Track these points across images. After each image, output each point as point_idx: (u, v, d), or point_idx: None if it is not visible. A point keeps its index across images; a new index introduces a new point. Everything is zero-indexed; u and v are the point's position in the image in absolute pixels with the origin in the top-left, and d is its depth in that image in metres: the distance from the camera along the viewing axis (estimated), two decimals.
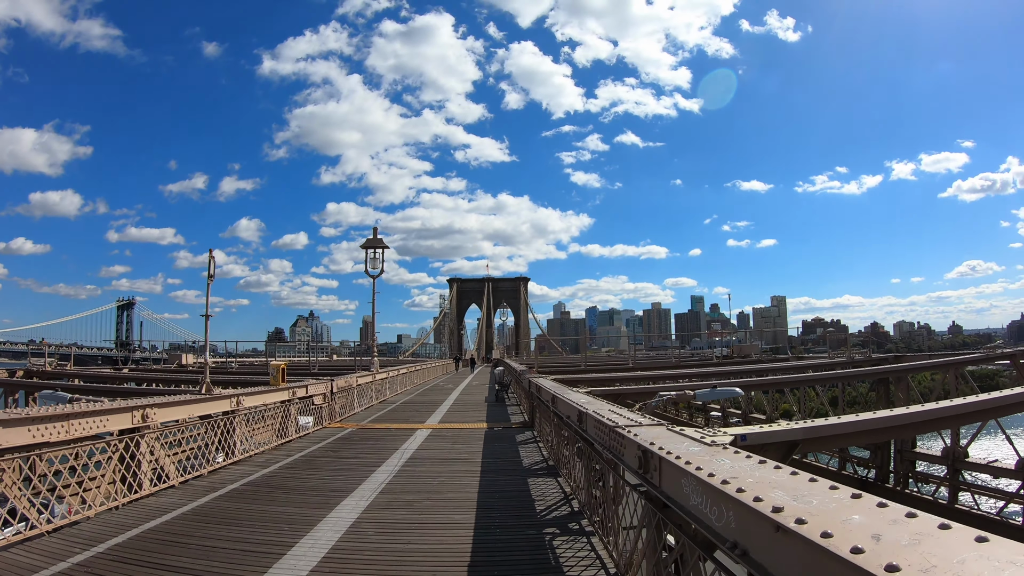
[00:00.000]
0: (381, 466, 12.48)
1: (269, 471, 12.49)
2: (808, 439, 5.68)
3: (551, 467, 12.04)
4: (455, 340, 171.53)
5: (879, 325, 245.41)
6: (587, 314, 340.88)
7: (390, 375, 30.66)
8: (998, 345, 29.78)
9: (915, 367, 23.89)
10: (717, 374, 26.49)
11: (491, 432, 17.75)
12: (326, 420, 19.61)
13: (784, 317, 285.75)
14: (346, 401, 22.36)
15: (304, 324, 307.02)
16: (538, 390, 14.97)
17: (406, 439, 16.32)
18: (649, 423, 5.79)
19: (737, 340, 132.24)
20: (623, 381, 23.66)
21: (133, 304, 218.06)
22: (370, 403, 26.02)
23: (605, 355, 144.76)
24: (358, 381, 23.98)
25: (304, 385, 18.09)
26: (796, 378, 20.15)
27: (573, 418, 8.61)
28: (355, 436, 17.39)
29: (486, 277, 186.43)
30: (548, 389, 12.43)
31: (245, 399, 14.25)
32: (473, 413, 23.27)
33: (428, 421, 20.66)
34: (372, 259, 29.51)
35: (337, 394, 20.74)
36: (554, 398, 11.05)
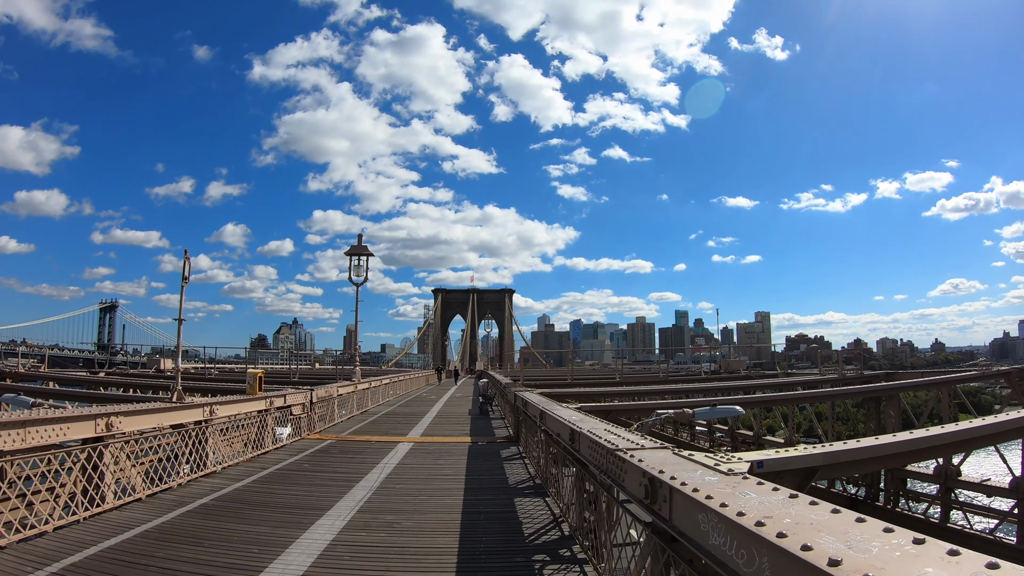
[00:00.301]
0: (360, 482, 11.91)
1: (242, 485, 11.89)
2: (828, 465, 5.22)
3: (538, 486, 11.52)
4: (439, 351, 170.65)
5: (862, 342, 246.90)
6: (571, 327, 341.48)
7: (372, 385, 30.03)
8: (990, 363, 29.61)
9: (907, 385, 23.62)
10: (707, 390, 26.11)
11: (475, 447, 17.20)
12: (305, 431, 18.98)
13: (768, 333, 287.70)
14: (326, 411, 21.73)
15: (288, 331, 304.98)
16: (524, 404, 14.48)
17: (387, 453, 15.74)
18: (652, 446, 5.31)
19: (722, 355, 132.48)
20: (613, 396, 23.29)
21: (116, 307, 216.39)
22: (351, 413, 25.37)
23: (589, 368, 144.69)
24: (339, 391, 23.35)
25: (282, 394, 17.46)
26: (791, 395, 19.76)
27: (564, 436, 8.12)
28: (334, 448, 16.78)
29: (471, 288, 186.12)
30: (535, 404, 11.94)
31: (219, 408, 13.62)
32: (457, 426, 22.69)
33: (410, 434, 20.07)
34: (356, 267, 28.89)
35: (317, 404, 20.10)
36: (542, 414, 10.56)
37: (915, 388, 23.49)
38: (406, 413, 27.79)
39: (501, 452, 16.15)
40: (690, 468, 4.32)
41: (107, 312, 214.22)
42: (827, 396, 22.59)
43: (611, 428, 6.82)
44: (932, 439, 5.82)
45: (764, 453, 4.78)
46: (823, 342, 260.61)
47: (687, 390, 25.02)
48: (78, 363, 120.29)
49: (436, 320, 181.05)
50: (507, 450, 16.46)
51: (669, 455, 4.81)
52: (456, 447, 17.04)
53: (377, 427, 22.16)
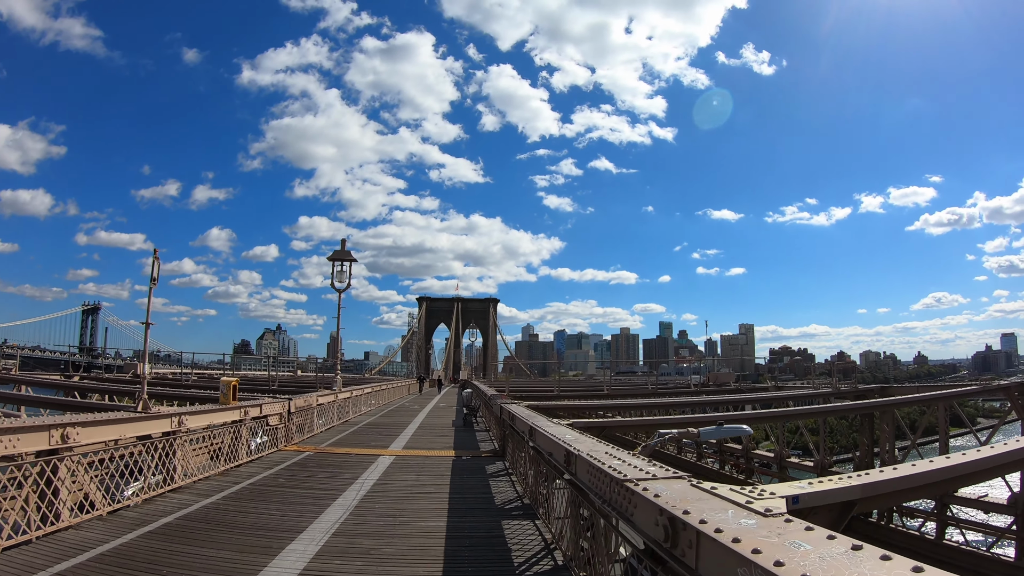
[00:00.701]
0: (337, 500, 11.17)
1: (211, 501, 11.12)
2: (868, 497, 4.61)
3: (527, 506, 10.83)
4: (423, 359, 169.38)
5: (846, 355, 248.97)
6: (555, 337, 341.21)
7: (354, 394, 29.17)
8: (990, 378, 29.38)
9: (905, 401, 23.17)
10: (698, 403, 25.55)
11: (459, 462, 16.47)
12: (282, 442, 18.19)
13: (752, 345, 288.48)
14: (305, 421, 20.94)
15: (271, 337, 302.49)
16: (511, 418, 13.81)
17: (367, 467, 14.99)
18: (666, 475, 4.67)
19: (706, 367, 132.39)
20: (604, 411, 22.59)
21: (99, 309, 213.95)
22: (331, 424, 24.57)
23: (573, 379, 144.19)
24: (319, 400, 22.55)
25: (258, 404, 16.67)
26: (793, 411, 19.19)
27: (558, 458, 7.48)
28: (311, 462, 16.00)
29: (456, 297, 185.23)
30: (524, 419, 11.29)
31: (189, 419, 12.84)
32: (440, 439, 21.95)
33: (392, 446, 19.31)
34: (339, 272, 28.15)
35: (295, 414, 19.31)
36: (532, 431, 9.91)
37: (912, 404, 23.02)
38: (388, 424, 27.01)
39: (486, 468, 15.46)
40: (717, 506, 3.69)
41: (90, 314, 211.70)
42: (826, 412, 22.08)
43: (612, 451, 6.19)
44: (984, 462, 5.23)
45: (797, 486, 4.17)
46: (806, 355, 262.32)
47: (678, 404, 24.47)
48: (59, 365, 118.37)
49: (420, 328, 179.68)
50: (492, 465, 15.77)
51: (687, 487, 4.18)
52: (439, 462, 16.32)
53: (358, 438, 21.39)
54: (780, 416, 17.57)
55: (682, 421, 13.18)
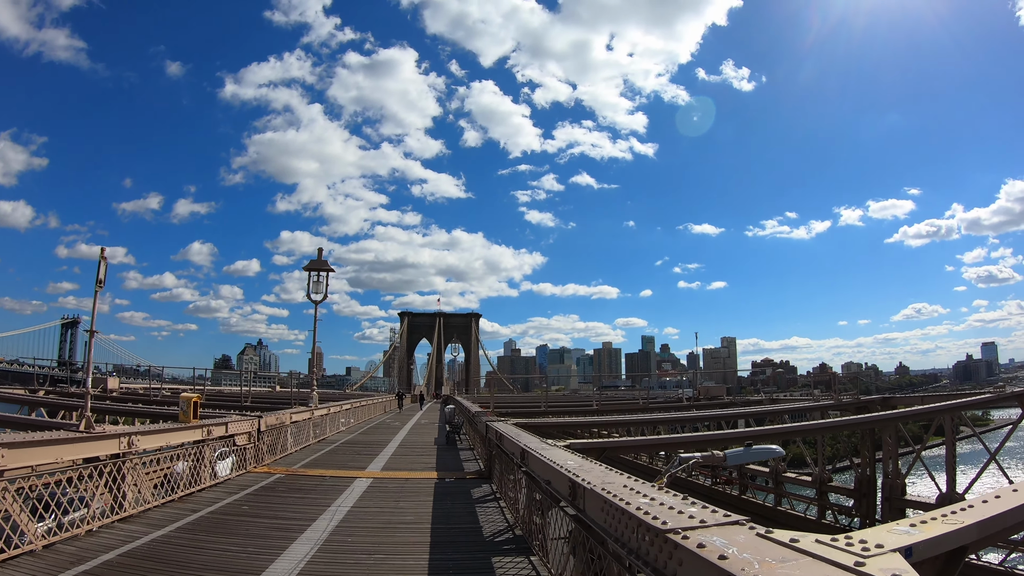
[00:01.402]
0: (305, 532, 9.92)
1: (162, 534, 9.85)
2: (983, 538, 3.54)
3: (519, 538, 9.63)
4: (405, 374, 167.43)
5: (827, 366, 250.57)
6: (538, 352, 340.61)
7: (331, 411, 27.82)
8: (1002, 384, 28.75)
9: (912, 413, 22.24)
10: (692, 419, 24.50)
11: (442, 484, 15.23)
12: (251, 463, 16.88)
13: (734, 358, 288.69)
14: (277, 440, 19.64)
15: (252, 352, 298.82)
16: (499, 438, 12.66)
17: (341, 491, 13.73)
18: (717, 519, 3.57)
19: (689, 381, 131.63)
20: (596, 428, 21.56)
21: (78, 323, 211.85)
22: (307, 442, 23.24)
23: (558, 393, 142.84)
24: (292, 417, 21.22)
25: (223, 422, 15.36)
26: (793, 428, 18.08)
27: (559, 488, 6.38)
28: (281, 485, 14.70)
29: (438, 312, 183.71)
30: (513, 440, 10.16)
31: (141, 439, 11.57)
32: (421, 458, 20.68)
33: (370, 467, 18.02)
34: (316, 283, 26.87)
35: (266, 433, 18.02)
36: (524, 453, 8.79)
37: (916, 417, 22.07)
38: (367, 442, 25.67)
39: (472, 491, 14.24)
40: (808, 569, 2.62)
41: (68, 328, 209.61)
42: (829, 428, 21.03)
43: (632, 483, 5.08)
44: None
45: (898, 531, 3.10)
46: (788, 367, 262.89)
47: (669, 419, 23.41)
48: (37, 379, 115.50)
49: (402, 344, 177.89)
50: (479, 488, 14.56)
51: (755, 539, 3.07)
52: (420, 484, 15.07)
53: (334, 459, 20.07)
54: (782, 433, 16.49)
55: (690, 441, 12.04)
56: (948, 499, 20.79)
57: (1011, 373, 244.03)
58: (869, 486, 23.77)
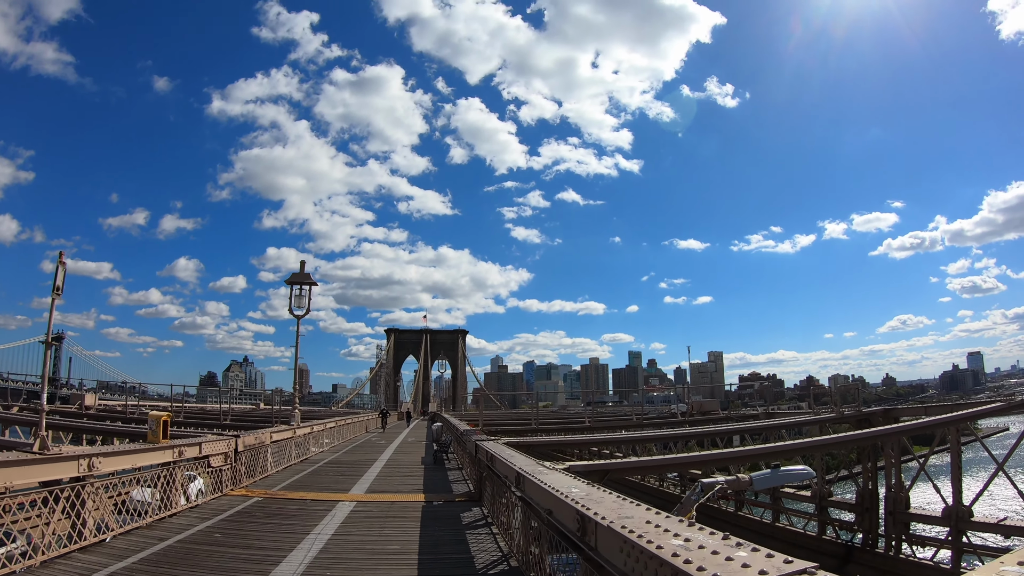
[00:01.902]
0: (280, 565, 9.05)
1: (122, 566, 8.98)
2: None
3: (516, 571, 8.81)
4: (391, 391, 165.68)
5: (814, 379, 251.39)
6: (525, 368, 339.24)
7: (314, 429, 26.83)
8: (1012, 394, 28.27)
9: (917, 427, 21.59)
10: (694, 435, 23.74)
11: (430, 508, 14.35)
12: (228, 486, 15.96)
13: (721, 372, 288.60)
14: (256, 461, 18.72)
15: (238, 369, 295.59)
16: (489, 459, 11.88)
17: (323, 517, 12.85)
18: (781, 571, 2.84)
19: (677, 395, 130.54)
20: (592, 446, 20.78)
21: (62, 338, 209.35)
22: (288, 462, 22.29)
23: (545, 409, 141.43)
24: (272, 436, 20.28)
25: (196, 443, 14.45)
26: (796, 445, 17.22)
27: (563, 520, 5.63)
28: (258, 510, 13.81)
29: (424, 329, 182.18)
30: (507, 462, 9.39)
31: (103, 461, 10.68)
32: (408, 479, 19.78)
33: (353, 489, 17.11)
34: (298, 297, 25.99)
35: (244, 453, 17.10)
36: (520, 478, 8.03)
37: (922, 430, 21.38)
38: (351, 462, 24.72)
39: (461, 515, 13.39)
40: None
41: (53, 343, 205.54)
42: (831, 444, 20.22)
43: (655, 516, 4.33)
44: None
45: None
46: (775, 380, 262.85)
47: (669, 436, 22.67)
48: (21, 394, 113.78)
49: (389, 360, 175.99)
50: (469, 512, 13.71)
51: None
52: (407, 509, 14.20)
53: (316, 480, 19.14)
54: (786, 451, 15.68)
55: (702, 460, 11.24)
56: (955, 512, 20.35)
57: (997, 382, 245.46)
58: (871, 500, 23.17)
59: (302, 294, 26.02)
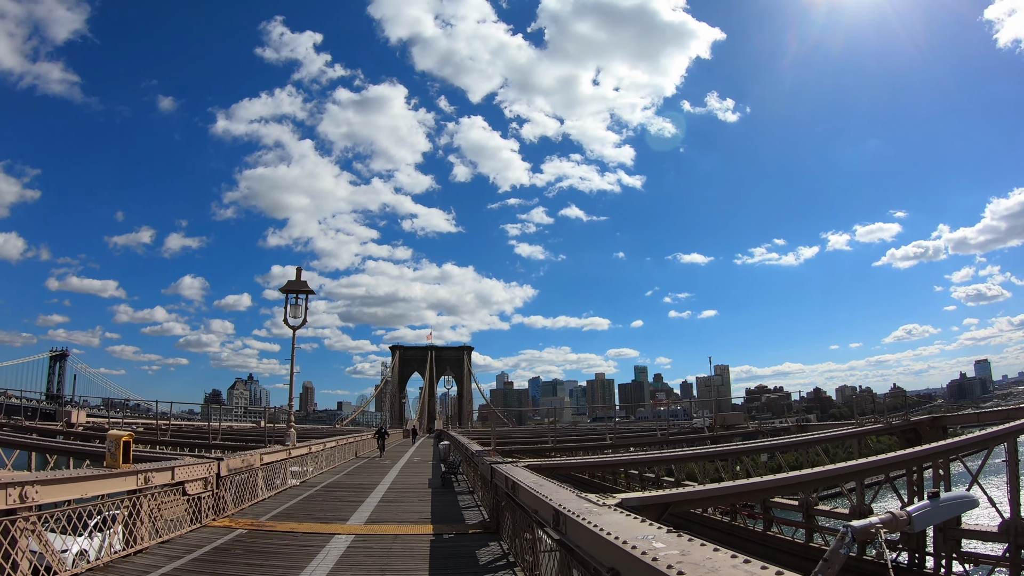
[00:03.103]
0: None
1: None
2: None
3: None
4: (397, 409, 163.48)
5: (821, 390, 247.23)
6: (530, 385, 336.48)
7: (313, 450, 24.80)
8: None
9: (971, 442, 19.52)
10: (729, 453, 21.65)
11: (440, 544, 12.29)
12: (209, 515, 13.99)
13: (728, 386, 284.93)
14: (245, 486, 16.77)
15: (242, 387, 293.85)
16: (512, 488, 9.87)
17: (312, 555, 10.85)
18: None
19: (683, 410, 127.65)
20: (623, 468, 18.79)
21: (67, 356, 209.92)
22: (283, 486, 20.34)
23: (552, 426, 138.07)
24: (264, 458, 18.30)
25: (167, 467, 12.48)
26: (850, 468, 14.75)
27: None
28: (239, 546, 11.81)
29: (429, 345, 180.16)
30: (537, 495, 7.45)
31: (40, 490, 8.73)
32: (414, 505, 17.75)
33: (351, 519, 15.04)
34: (294, 306, 24.08)
35: (229, 477, 15.13)
36: (561, 518, 6.11)
37: (982, 444, 19.18)
38: (352, 485, 22.65)
39: (477, 553, 11.35)
40: None
41: (57, 360, 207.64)
42: (892, 465, 17.86)
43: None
44: None
45: None
46: (783, 392, 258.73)
47: (703, 455, 20.65)
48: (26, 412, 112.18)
49: (394, 377, 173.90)
50: (485, 548, 11.67)
51: None
52: (412, 544, 12.12)
53: (310, 507, 17.11)
54: (838, 475, 13.54)
55: (778, 485, 9.17)
56: (1013, 526, 18.74)
57: (1005, 390, 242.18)
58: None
59: (298, 303, 24.14)
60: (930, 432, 24.76)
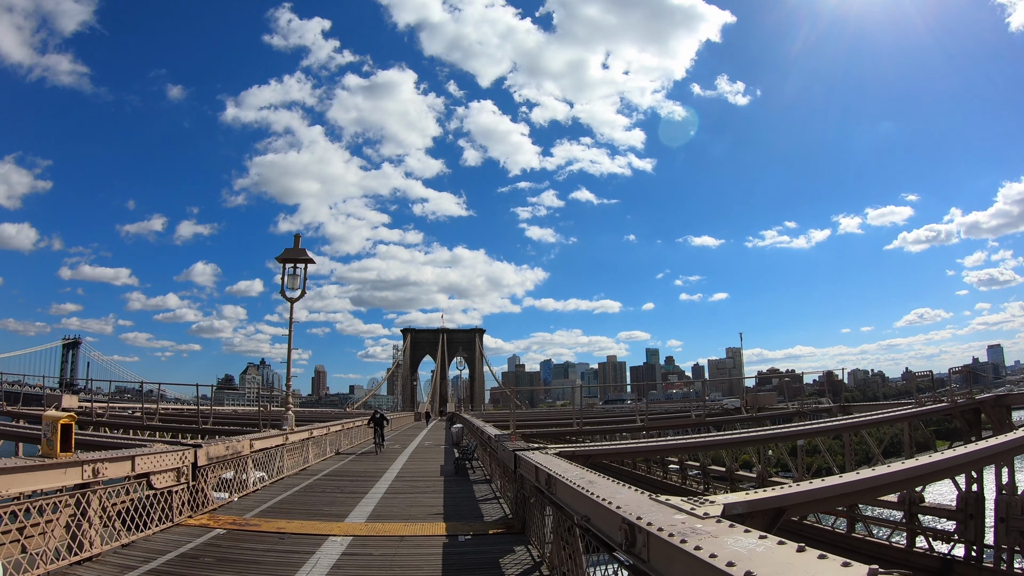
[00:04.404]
0: None
1: None
2: None
3: None
4: (408, 391, 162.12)
5: (833, 373, 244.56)
6: (542, 367, 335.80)
7: (314, 434, 22.69)
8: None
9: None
10: (752, 440, 19.41)
11: (455, 549, 10.07)
12: (184, 512, 11.92)
13: (740, 368, 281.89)
14: (235, 474, 14.74)
15: (255, 372, 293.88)
16: (548, 483, 7.66)
17: (295, 568, 8.68)
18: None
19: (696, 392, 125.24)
20: (656, 453, 16.68)
21: (79, 343, 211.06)
22: (279, 474, 18.32)
23: (565, 408, 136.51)
24: (255, 444, 16.18)
25: (127, 456, 10.35)
26: (955, 459, 12.52)
27: None
28: (212, 553, 9.67)
29: (441, 328, 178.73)
30: (592, 497, 5.38)
31: None
32: (424, 497, 15.60)
33: (352, 515, 12.88)
34: (291, 276, 21.93)
35: (207, 468, 13.03)
36: (641, 534, 3.99)
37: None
38: (356, 473, 20.55)
39: (502, 563, 9.15)
40: None
41: (70, 348, 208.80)
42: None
43: None
44: None
45: None
46: (795, 375, 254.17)
47: (751, 439, 18.48)
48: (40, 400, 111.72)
49: (405, 360, 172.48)
50: (511, 556, 9.47)
51: None
52: (422, 550, 9.93)
53: (306, 500, 14.99)
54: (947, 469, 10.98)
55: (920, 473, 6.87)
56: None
57: (1017, 375, 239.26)
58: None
59: (296, 273, 21.97)
60: (993, 412, 22.50)
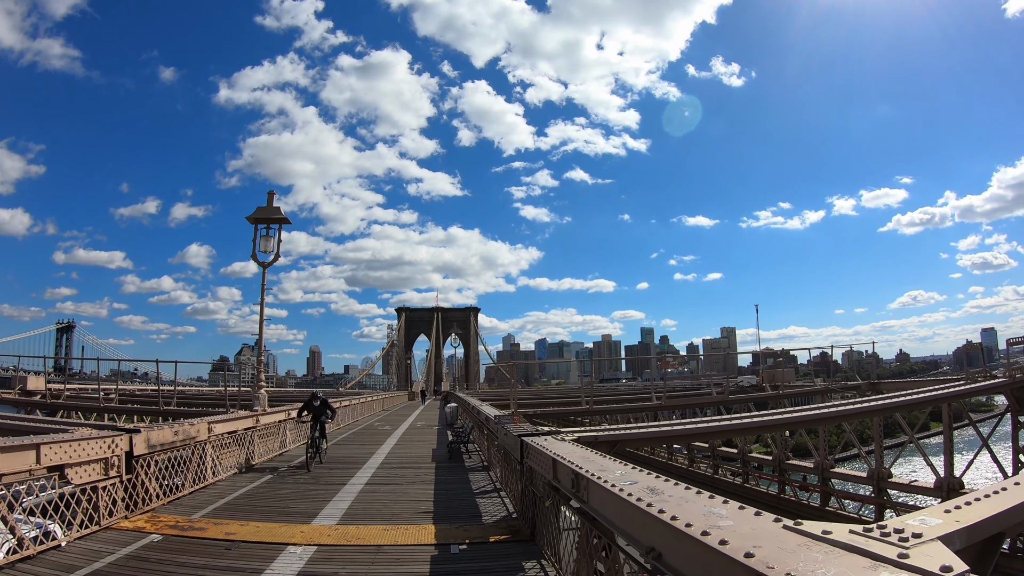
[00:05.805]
0: None
1: None
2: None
3: None
4: (403, 371, 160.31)
5: (828, 354, 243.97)
6: (537, 346, 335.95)
7: (290, 415, 20.46)
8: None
9: None
10: (785, 423, 17.35)
11: (445, 564, 7.81)
12: (112, 513, 9.71)
13: (735, 348, 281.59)
14: (182, 466, 12.53)
15: (249, 353, 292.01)
16: (575, 483, 5.51)
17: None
18: None
19: (690, 371, 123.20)
20: (682, 437, 14.60)
21: (73, 327, 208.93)
22: (247, 460, 16.16)
23: (561, 387, 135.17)
24: (213, 428, 13.93)
25: (31, 444, 8.12)
26: None
27: None
28: (129, 570, 7.50)
29: (435, 307, 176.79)
30: (722, 549, 3.26)
31: None
32: (410, 490, 13.33)
33: (321, 515, 10.61)
34: (264, 238, 19.62)
35: (149, 457, 10.83)
36: None
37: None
38: (339, 459, 18.25)
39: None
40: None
41: (64, 332, 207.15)
42: None
43: None
44: None
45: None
46: (789, 355, 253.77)
47: (793, 421, 16.41)
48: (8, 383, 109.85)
49: (400, 339, 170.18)
50: (518, 572, 7.36)
51: None
52: (403, 568, 7.71)
53: (270, 495, 12.75)
54: None
55: None
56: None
57: (1012, 359, 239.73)
58: None
59: (269, 234, 19.66)
60: None
